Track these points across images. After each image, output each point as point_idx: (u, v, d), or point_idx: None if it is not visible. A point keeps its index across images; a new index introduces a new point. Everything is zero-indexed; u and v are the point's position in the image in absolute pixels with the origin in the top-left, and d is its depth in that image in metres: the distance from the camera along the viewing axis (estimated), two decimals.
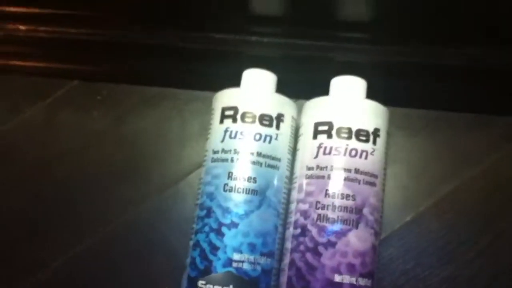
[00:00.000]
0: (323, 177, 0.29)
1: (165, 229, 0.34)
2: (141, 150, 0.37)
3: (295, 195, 0.30)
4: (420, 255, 0.32)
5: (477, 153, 0.34)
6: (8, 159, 0.37)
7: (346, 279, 0.27)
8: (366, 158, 0.29)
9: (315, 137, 0.30)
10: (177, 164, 0.36)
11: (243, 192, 0.29)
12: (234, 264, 0.28)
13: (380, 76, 0.33)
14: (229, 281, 0.28)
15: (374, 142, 0.29)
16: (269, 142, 0.30)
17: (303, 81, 0.34)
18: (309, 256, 0.28)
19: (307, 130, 0.30)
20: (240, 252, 0.28)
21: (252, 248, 0.28)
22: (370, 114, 0.30)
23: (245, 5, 0.32)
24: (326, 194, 0.28)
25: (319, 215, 0.28)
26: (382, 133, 0.30)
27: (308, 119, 0.30)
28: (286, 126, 0.31)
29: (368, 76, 0.30)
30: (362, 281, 0.27)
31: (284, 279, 0.28)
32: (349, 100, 0.30)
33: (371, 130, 0.29)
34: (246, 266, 0.28)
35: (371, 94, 0.30)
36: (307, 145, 0.30)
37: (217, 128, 0.31)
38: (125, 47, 0.36)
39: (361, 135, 0.29)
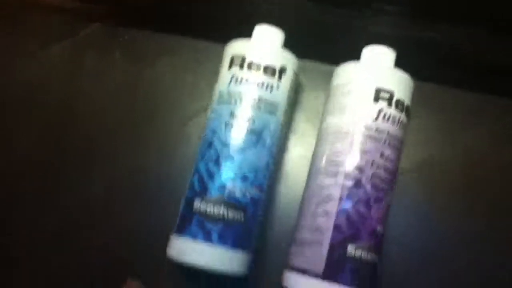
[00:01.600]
0: (380, 140, 0.33)
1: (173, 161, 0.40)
2: (156, 93, 0.42)
3: (345, 147, 0.33)
4: None
5: None
6: (33, 94, 0.43)
7: (382, 229, 0.33)
8: (388, 120, 0.34)
9: (376, 100, 0.34)
10: (188, 104, 0.42)
11: (241, 131, 0.34)
12: (227, 190, 0.33)
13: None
14: (221, 203, 0.33)
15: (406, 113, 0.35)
16: (270, 91, 0.35)
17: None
18: (361, 206, 0.33)
19: (365, 92, 0.34)
20: (234, 181, 0.33)
21: (244, 179, 0.34)
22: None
23: None
24: (382, 156, 0.33)
25: (373, 173, 0.33)
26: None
27: (367, 82, 0.34)
28: (287, 79, 0.36)
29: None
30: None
31: (330, 223, 0.32)
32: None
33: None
34: (237, 193, 0.33)
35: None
36: (367, 106, 0.34)
37: (225, 73, 0.36)
38: None
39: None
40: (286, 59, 0.36)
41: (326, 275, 0.32)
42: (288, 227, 0.37)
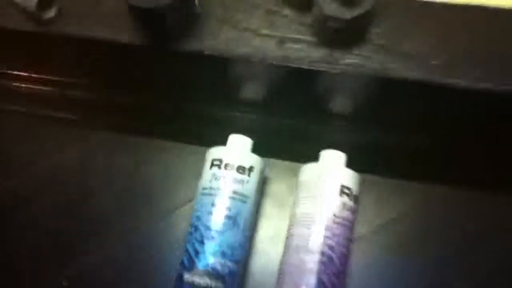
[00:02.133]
0: (345, 225, 0.44)
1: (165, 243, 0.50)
2: (151, 186, 0.53)
3: (321, 231, 0.43)
4: None
5: None
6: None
7: None
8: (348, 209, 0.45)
9: (341, 195, 0.45)
10: (176, 196, 0.52)
11: (220, 217, 0.45)
12: (210, 264, 0.43)
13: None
14: (205, 275, 0.42)
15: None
16: (242, 185, 0.46)
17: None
18: (333, 277, 0.42)
19: (332, 187, 0.44)
20: (215, 257, 0.43)
21: (223, 255, 0.43)
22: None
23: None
24: (345, 238, 0.44)
25: (341, 251, 0.43)
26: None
27: (334, 180, 0.45)
28: (255, 175, 0.47)
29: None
30: None
31: None
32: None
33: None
34: (218, 266, 0.43)
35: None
36: (334, 198, 0.44)
37: (207, 172, 0.47)
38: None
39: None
40: (254, 160, 0.47)
41: None
42: None
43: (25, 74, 0.53)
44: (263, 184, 0.50)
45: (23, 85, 0.54)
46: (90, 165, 0.54)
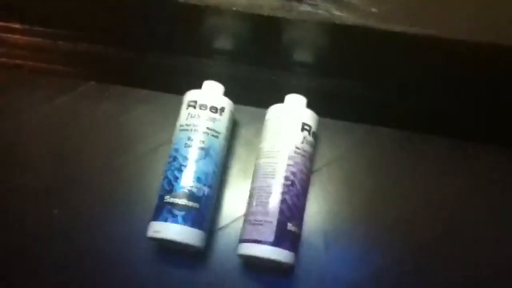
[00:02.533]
0: (304, 156, 0.52)
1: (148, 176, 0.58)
2: (133, 131, 0.60)
3: (285, 160, 0.51)
4: None
5: None
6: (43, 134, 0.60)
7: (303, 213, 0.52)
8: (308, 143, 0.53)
9: (302, 131, 0.53)
10: (156, 137, 0.60)
11: (196, 148, 0.52)
12: (187, 188, 0.51)
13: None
14: (183, 196, 0.50)
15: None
16: (214, 122, 0.54)
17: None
18: (295, 198, 0.51)
19: (294, 125, 0.52)
20: (191, 181, 0.51)
21: (198, 180, 0.51)
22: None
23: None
24: (305, 166, 0.52)
25: (301, 177, 0.51)
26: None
27: (296, 118, 0.53)
28: (226, 114, 0.55)
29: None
30: None
31: (276, 209, 0.49)
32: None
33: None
34: (194, 190, 0.51)
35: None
36: (296, 134, 0.52)
37: (184, 112, 0.54)
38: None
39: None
40: (225, 102, 0.55)
41: (275, 243, 0.49)
42: (232, 217, 0.55)
43: (19, 26, 0.59)
44: (233, 128, 0.58)
45: (16, 36, 0.60)
46: (77, 112, 0.61)
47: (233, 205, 0.56)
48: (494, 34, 0.44)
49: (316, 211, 0.56)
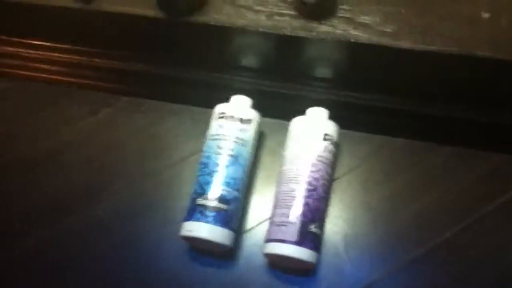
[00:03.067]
0: (326, 163, 0.57)
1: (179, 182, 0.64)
2: (166, 141, 0.67)
3: (308, 166, 0.56)
4: None
5: None
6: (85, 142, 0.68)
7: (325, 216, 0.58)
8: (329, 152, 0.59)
9: (324, 140, 0.58)
10: (187, 147, 0.66)
11: (226, 155, 0.58)
12: (217, 191, 0.56)
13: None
14: (214, 199, 0.56)
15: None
16: (242, 132, 0.60)
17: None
18: (316, 202, 0.56)
19: (317, 135, 0.58)
20: (221, 185, 0.57)
21: (227, 184, 0.57)
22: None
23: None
24: (327, 173, 0.57)
25: (323, 182, 0.57)
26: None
27: (319, 129, 0.58)
28: (253, 126, 0.60)
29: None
30: None
31: (299, 211, 0.54)
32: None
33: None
34: (224, 193, 0.56)
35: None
36: (318, 143, 0.58)
37: (214, 123, 0.61)
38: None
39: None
40: (252, 114, 0.61)
41: (298, 243, 0.54)
42: (258, 220, 0.60)
43: (63, 45, 0.67)
44: (259, 138, 0.64)
45: (62, 55, 0.68)
46: (116, 124, 0.68)
47: (259, 208, 0.61)
48: (491, 49, 0.50)
49: (336, 215, 0.61)
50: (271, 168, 0.63)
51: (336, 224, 0.60)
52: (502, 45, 0.50)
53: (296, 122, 0.61)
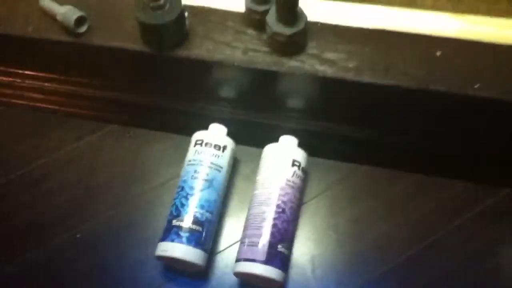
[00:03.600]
0: (294, 187, 0.62)
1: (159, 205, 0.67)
2: (146, 166, 0.71)
3: (277, 190, 0.60)
4: None
5: None
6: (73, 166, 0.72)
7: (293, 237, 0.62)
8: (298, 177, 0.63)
9: (292, 166, 0.62)
10: (167, 172, 0.70)
11: (201, 179, 0.62)
12: (192, 214, 0.60)
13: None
14: (188, 220, 0.60)
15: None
16: (217, 158, 0.64)
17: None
18: (285, 224, 0.59)
19: (286, 161, 0.62)
20: (196, 208, 0.61)
21: (202, 207, 0.61)
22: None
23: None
24: (294, 197, 0.61)
25: (291, 205, 0.61)
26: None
27: (287, 155, 0.63)
28: (228, 152, 0.65)
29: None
30: None
31: (268, 232, 0.58)
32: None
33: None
34: (198, 215, 0.60)
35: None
36: (287, 168, 0.62)
37: (191, 149, 0.65)
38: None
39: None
40: (227, 141, 0.66)
41: (267, 262, 0.57)
42: (231, 241, 0.64)
43: (55, 76, 0.71)
44: (234, 165, 0.68)
45: (53, 85, 0.72)
46: (102, 150, 0.73)
47: (232, 231, 0.65)
48: (443, 82, 0.55)
49: (305, 237, 0.65)
50: (245, 193, 0.67)
51: (304, 245, 0.64)
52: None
53: (268, 149, 0.66)
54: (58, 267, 0.64)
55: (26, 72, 0.73)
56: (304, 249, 0.64)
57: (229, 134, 0.67)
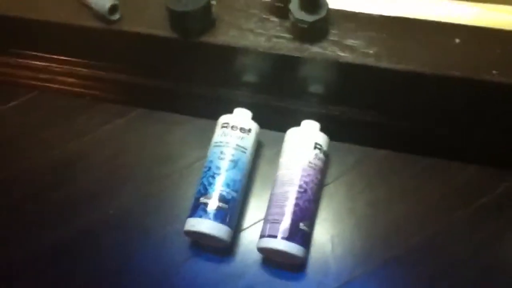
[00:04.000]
0: (315, 169, 0.65)
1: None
2: (173, 148, 0.75)
3: (299, 171, 0.64)
4: None
5: None
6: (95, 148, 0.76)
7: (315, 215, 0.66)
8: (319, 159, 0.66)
9: (314, 149, 0.66)
10: (192, 154, 0.74)
11: (227, 160, 0.66)
12: (218, 192, 0.64)
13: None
14: (215, 198, 0.63)
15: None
16: (243, 140, 0.67)
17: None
18: (306, 203, 0.63)
19: (308, 143, 0.66)
20: (222, 186, 0.64)
21: (227, 186, 0.64)
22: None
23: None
24: (316, 178, 0.65)
25: (312, 186, 0.64)
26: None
27: (309, 138, 0.66)
28: (252, 134, 0.68)
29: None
30: None
31: (290, 210, 0.62)
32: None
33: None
34: (224, 193, 0.64)
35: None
36: (309, 151, 0.65)
37: (218, 131, 0.68)
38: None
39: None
40: (252, 124, 0.69)
41: (289, 238, 0.61)
42: (254, 220, 0.67)
43: (85, 61, 0.75)
44: (258, 148, 0.71)
45: (82, 69, 0.76)
46: (129, 132, 0.76)
47: (256, 210, 0.69)
48: (459, 68, 0.58)
49: (325, 218, 0.68)
50: (268, 174, 0.71)
51: (324, 226, 0.67)
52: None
53: (291, 133, 0.69)
54: (87, 244, 0.69)
55: (57, 57, 0.76)
56: (324, 229, 0.67)
57: (253, 118, 0.70)
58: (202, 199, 0.64)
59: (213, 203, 0.63)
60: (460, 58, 0.59)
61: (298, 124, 0.69)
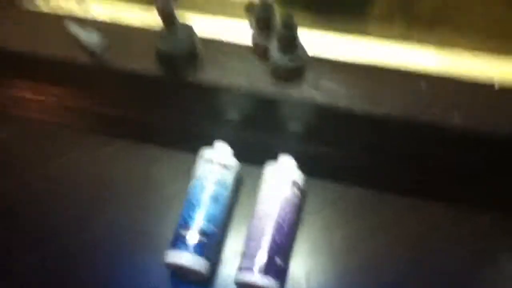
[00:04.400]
0: (293, 205, 0.68)
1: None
2: (156, 179, 0.77)
3: (277, 207, 0.66)
4: None
5: None
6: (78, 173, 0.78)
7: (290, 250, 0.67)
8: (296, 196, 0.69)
9: (293, 186, 0.69)
10: (174, 186, 0.76)
11: (207, 195, 0.68)
12: (199, 226, 0.66)
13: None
14: (196, 232, 0.65)
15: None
16: (223, 175, 0.70)
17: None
18: (283, 238, 0.65)
19: (286, 181, 0.69)
20: (202, 221, 0.66)
21: (208, 221, 0.67)
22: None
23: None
24: (292, 214, 0.68)
25: (289, 222, 0.67)
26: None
27: (287, 176, 0.69)
28: (233, 171, 0.71)
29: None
30: None
31: (266, 246, 0.64)
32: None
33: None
34: (204, 227, 0.66)
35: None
36: (287, 188, 0.68)
37: (199, 166, 0.71)
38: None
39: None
40: (232, 160, 0.72)
41: (264, 272, 0.63)
42: (233, 252, 0.70)
43: (71, 92, 0.78)
44: (238, 182, 0.74)
45: (68, 101, 0.79)
46: (111, 163, 0.79)
47: (235, 243, 0.71)
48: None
49: (301, 253, 0.70)
50: (247, 208, 0.73)
51: (300, 260, 0.70)
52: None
53: (269, 169, 0.72)
54: (65, 267, 0.71)
55: (44, 88, 0.79)
56: (299, 265, 0.70)
57: (233, 152, 0.73)
58: (183, 232, 0.66)
59: (193, 236, 0.65)
60: (427, 103, 0.63)
61: (276, 159, 0.72)
